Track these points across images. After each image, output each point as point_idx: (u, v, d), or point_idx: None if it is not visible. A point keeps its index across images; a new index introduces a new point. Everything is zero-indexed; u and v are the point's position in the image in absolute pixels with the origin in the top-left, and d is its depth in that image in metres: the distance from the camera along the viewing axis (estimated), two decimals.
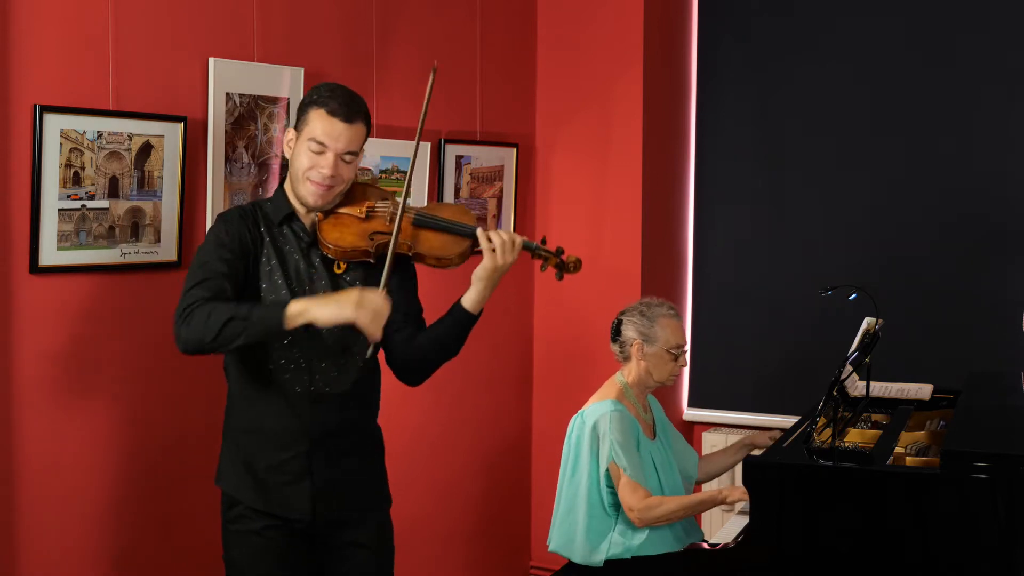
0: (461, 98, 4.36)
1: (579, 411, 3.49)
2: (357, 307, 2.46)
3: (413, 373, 2.84)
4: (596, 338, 4.59)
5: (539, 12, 4.77)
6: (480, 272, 2.72)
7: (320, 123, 2.65)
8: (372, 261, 2.73)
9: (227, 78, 3.34)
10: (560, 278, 2.86)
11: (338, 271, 2.72)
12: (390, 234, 2.69)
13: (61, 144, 2.94)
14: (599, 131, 4.68)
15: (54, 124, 2.92)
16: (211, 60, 3.30)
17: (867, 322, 3.54)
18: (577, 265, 2.83)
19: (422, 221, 2.75)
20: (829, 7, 4.66)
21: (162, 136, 3.16)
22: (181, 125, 3.20)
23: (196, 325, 2.49)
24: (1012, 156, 4.37)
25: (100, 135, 3.02)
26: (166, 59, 3.22)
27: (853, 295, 3.48)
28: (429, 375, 2.85)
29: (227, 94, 3.34)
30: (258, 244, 2.68)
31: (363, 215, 2.72)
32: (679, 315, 3.55)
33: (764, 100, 4.78)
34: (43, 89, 2.92)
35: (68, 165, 2.96)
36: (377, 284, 2.68)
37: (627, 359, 3.51)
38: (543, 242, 2.84)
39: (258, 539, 2.69)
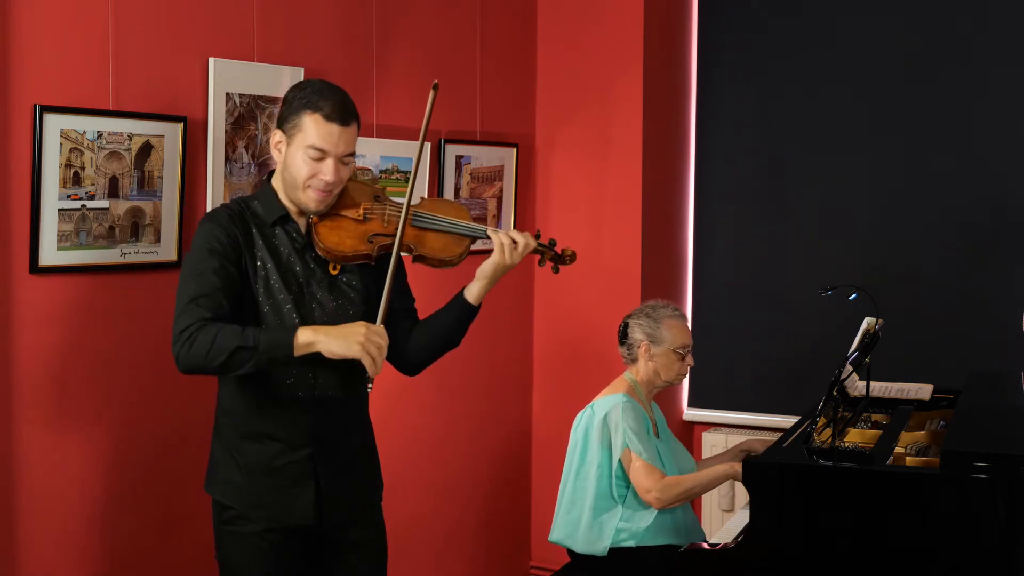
0: (461, 98, 4.36)
1: (588, 405, 3.50)
2: (364, 346, 2.45)
3: (414, 365, 2.85)
4: (596, 338, 4.59)
5: (539, 12, 4.77)
6: (487, 269, 2.74)
7: (316, 129, 2.57)
8: (372, 263, 2.71)
9: (227, 78, 3.34)
10: (556, 271, 2.88)
11: (334, 272, 2.69)
12: (389, 236, 2.66)
13: (61, 144, 2.94)
14: (599, 131, 4.68)
15: (54, 124, 2.92)
16: (211, 60, 3.30)
17: (867, 322, 3.54)
18: (572, 257, 2.86)
19: (422, 223, 2.72)
20: (830, 7, 4.66)
21: (162, 136, 3.16)
22: (181, 125, 3.21)
23: (199, 349, 2.44)
24: (1013, 156, 4.37)
25: (100, 135, 3.02)
26: (166, 59, 3.22)
27: (853, 295, 3.48)
28: (429, 365, 2.87)
29: (227, 94, 3.34)
30: (251, 247, 2.62)
31: (360, 217, 2.67)
32: (684, 316, 3.59)
33: (764, 100, 4.78)
34: (43, 89, 2.92)
35: (68, 165, 2.96)
36: (374, 283, 2.69)
37: (634, 360, 3.54)
38: (537, 236, 2.84)
39: (257, 540, 2.65)
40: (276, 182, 2.69)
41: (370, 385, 2.61)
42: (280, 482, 2.65)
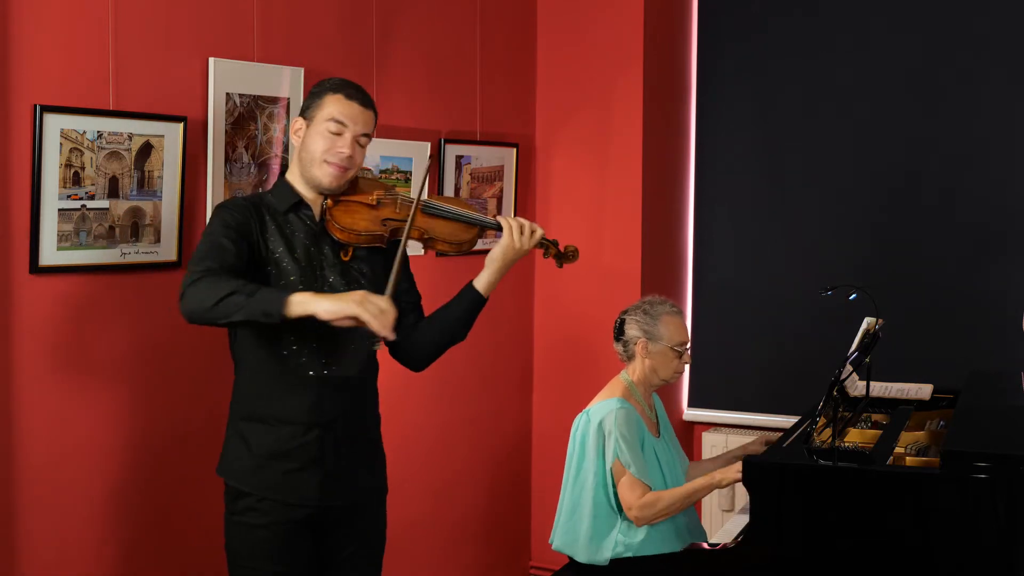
0: (461, 98, 4.36)
1: (584, 410, 3.48)
2: (361, 304, 2.47)
3: (419, 359, 2.92)
4: (596, 337, 4.59)
5: (539, 12, 4.77)
6: (496, 253, 2.81)
7: (338, 106, 2.72)
8: (384, 246, 2.79)
9: (227, 78, 3.34)
10: (560, 266, 2.98)
11: (345, 259, 2.76)
12: (401, 220, 2.77)
13: (61, 144, 2.94)
14: (599, 131, 4.68)
15: (54, 124, 2.92)
16: (211, 60, 3.30)
17: (867, 322, 3.54)
18: (575, 254, 2.97)
19: (432, 210, 2.83)
20: (829, 8, 4.66)
21: (162, 136, 3.16)
22: (181, 125, 3.21)
23: (200, 291, 2.48)
24: (1013, 157, 4.37)
25: (100, 135, 3.02)
26: (166, 59, 3.22)
27: (853, 295, 3.48)
28: (435, 359, 2.93)
29: (227, 94, 3.34)
30: (263, 232, 2.69)
31: (374, 202, 2.79)
32: (681, 312, 3.56)
33: (764, 99, 4.78)
34: (43, 89, 2.92)
35: (68, 165, 2.96)
36: (383, 271, 2.75)
37: (631, 358, 3.50)
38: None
39: (263, 532, 2.69)
40: (291, 175, 2.80)
41: (376, 345, 2.60)
42: (288, 464, 2.69)
